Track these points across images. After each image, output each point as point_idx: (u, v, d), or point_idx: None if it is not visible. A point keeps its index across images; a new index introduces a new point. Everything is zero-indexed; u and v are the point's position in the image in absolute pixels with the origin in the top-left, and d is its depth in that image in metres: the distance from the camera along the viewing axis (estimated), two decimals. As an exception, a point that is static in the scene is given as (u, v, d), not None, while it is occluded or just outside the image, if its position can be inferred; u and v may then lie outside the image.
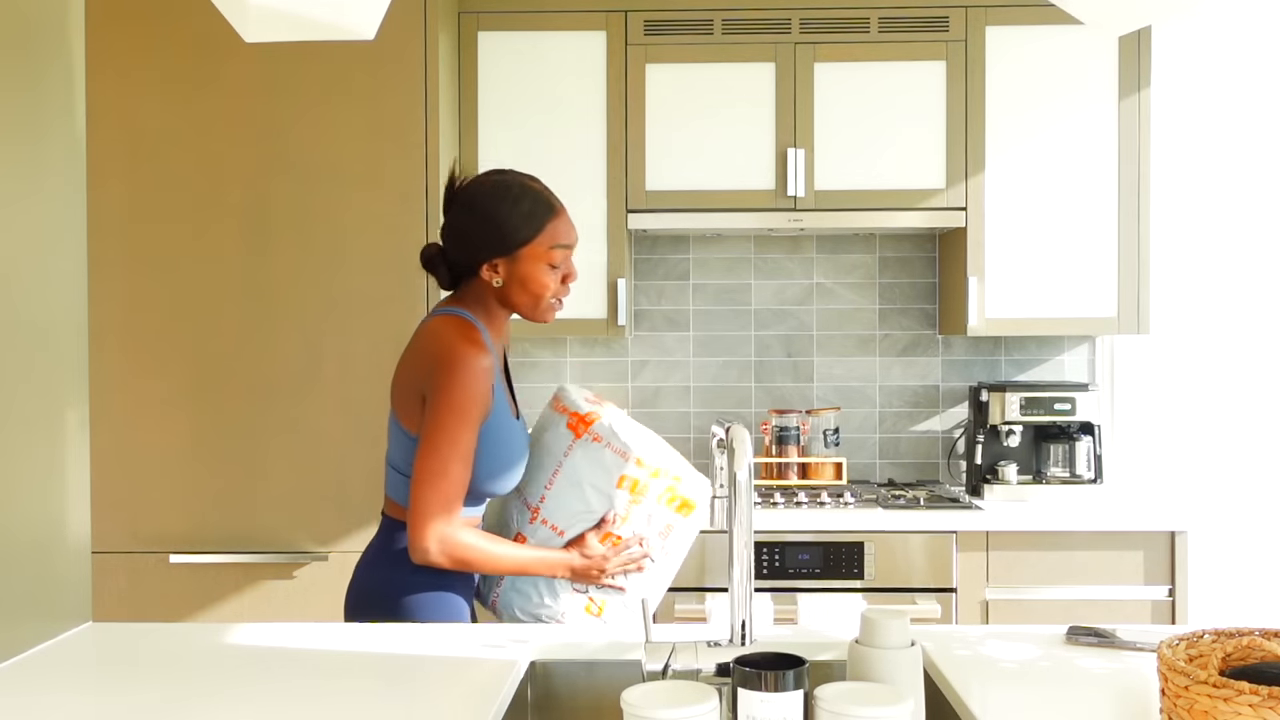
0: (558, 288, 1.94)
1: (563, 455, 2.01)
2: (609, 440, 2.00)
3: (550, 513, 2.02)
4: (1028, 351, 3.59)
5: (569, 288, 1.98)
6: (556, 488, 2.01)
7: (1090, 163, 3.23)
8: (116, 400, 2.91)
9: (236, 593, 2.92)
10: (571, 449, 2.01)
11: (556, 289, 1.94)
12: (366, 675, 1.53)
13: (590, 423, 2.01)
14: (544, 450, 2.05)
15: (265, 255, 2.93)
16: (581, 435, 2.01)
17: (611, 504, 2.00)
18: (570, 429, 2.03)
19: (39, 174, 1.74)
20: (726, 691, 1.31)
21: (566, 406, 2.07)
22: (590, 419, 2.02)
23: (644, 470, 2.00)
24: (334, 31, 1.81)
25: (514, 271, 1.91)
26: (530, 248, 1.90)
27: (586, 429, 2.01)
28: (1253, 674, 1.17)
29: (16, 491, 1.66)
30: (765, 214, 3.23)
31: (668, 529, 2.05)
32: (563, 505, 2.01)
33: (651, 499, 2.02)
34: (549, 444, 2.05)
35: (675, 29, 3.24)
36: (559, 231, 1.92)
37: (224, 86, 2.93)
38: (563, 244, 1.92)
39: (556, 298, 1.96)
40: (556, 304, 1.97)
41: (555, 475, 2.01)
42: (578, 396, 2.10)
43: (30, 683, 1.52)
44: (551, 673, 1.66)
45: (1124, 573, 2.99)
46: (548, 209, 1.91)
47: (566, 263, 1.95)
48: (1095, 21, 1.69)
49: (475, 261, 1.92)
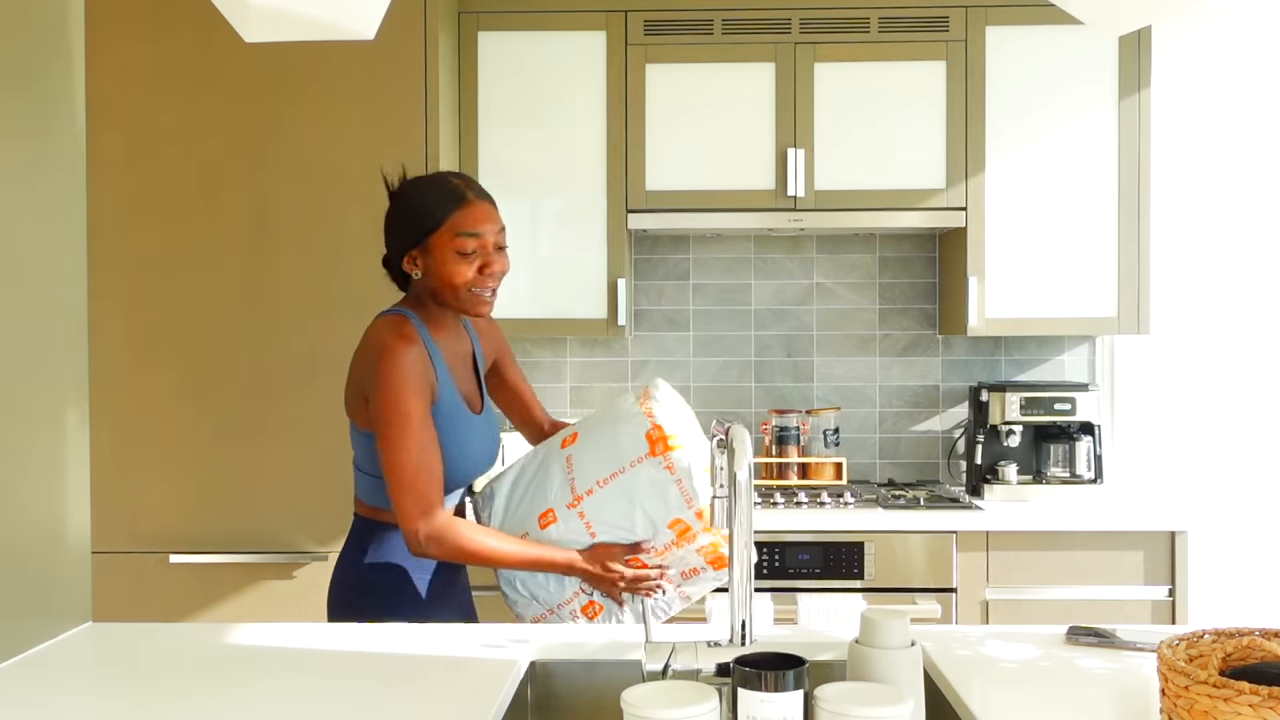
0: (475, 277, 1.91)
1: (628, 465, 1.96)
2: (681, 478, 1.95)
3: (591, 510, 1.97)
4: (1028, 351, 3.59)
5: (494, 279, 1.94)
6: (609, 491, 1.96)
7: (1090, 162, 3.23)
8: (116, 400, 2.91)
9: (236, 593, 2.92)
10: (641, 463, 1.96)
11: (473, 279, 1.91)
12: (366, 675, 1.53)
13: (671, 448, 1.95)
14: (614, 443, 1.98)
15: (265, 255, 2.93)
16: (656, 455, 1.95)
17: (654, 537, 1.97)
18: (649, 440, 1.97)
19: (39, 173, 1.74)
20: (726, 691, 1.31)
21: (653, 412, 2.00)
22: (672, 444, 1.96)
23: (700, 523, 1.95)
24: (334, 31, 1.81)
25: (428, 262, 1.93)
26: (437, 235, 1.91)
27: (665, 453, 1.95)
28: (1253, 674, 1.17)
29: (16, 491, 1.66)
30: (765, 214, 3.23)
31: (693, 573, 2.03)
32: (607, 511, 1.97)
33: (693, 548, 1.98)
34: (622, 442, 1.98)
35: (675, 29, 3.24)
36: (466, 219, 1.91)
37: (224, 86, 2.93)
38: (469, 232, 1.90)
39: (477, 288, 1.92)
40: (484, 295, 1.94)
41: (613, 479, 1.96)
42: (668, 403, 2.03)
43: (30, 683, 1.52)
44: (551, 673, 1.66)
45: (1124, 573, 2.99)
46: (457, 198, 1.92)
47: (485, 253, 1.92)
48: (1095, 21, 1.69)
49: (398, 255, 1.96)
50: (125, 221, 2.94)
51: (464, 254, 1.90)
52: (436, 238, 1.91)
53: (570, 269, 3.26)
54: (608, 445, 1.98)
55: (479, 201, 1.93)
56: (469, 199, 1.93)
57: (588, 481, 1.97)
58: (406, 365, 1.85)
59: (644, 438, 1.97)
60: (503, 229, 1.96)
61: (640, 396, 2.06)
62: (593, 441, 2.00)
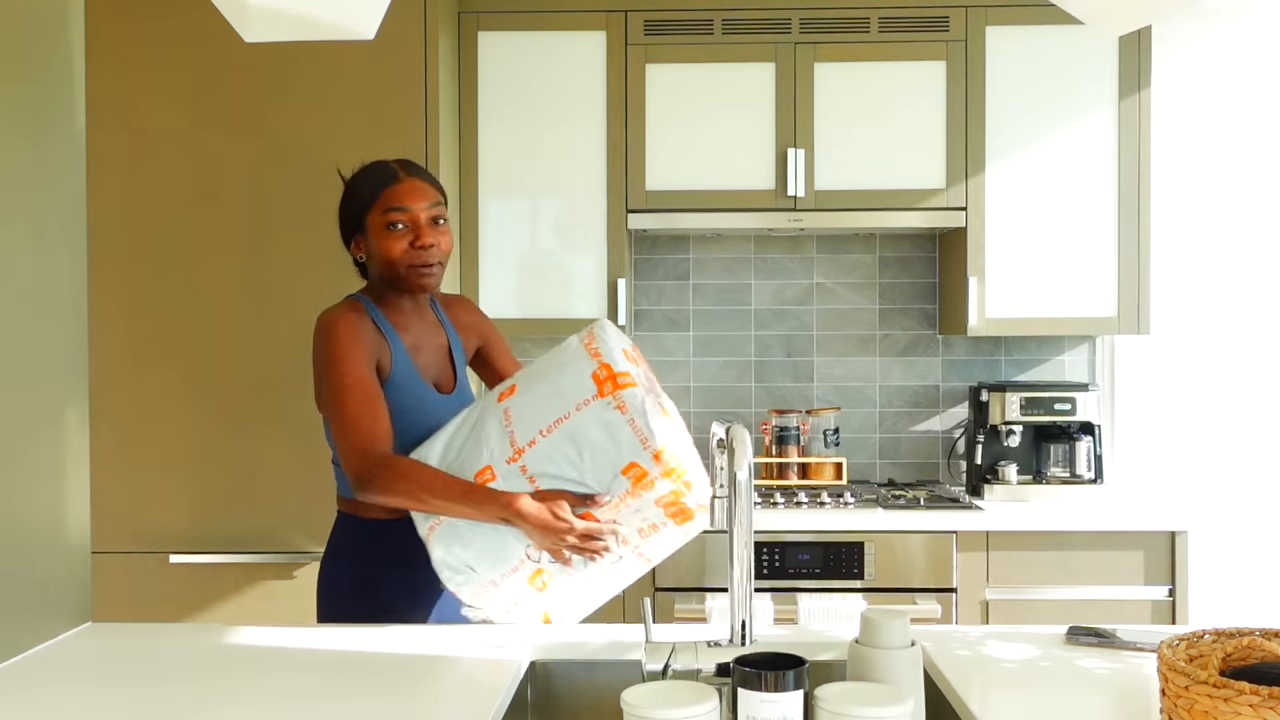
0: (409, 251, 1.92)
1: (573, 408, 1.78)
2: (634, 416, 1.76)
3: (534, 462, 1.78)
4: (1028, 351, 3.59)
5: (429, 253, 1.94)
6: (553, 440, 1.78)
7: (1090, 162, 3.23)
8: (116, 400, 2.91)
9: (236, 593, 2.92)
10: (588, 405, 1.77)
11: (407, 252, 1.92)
12: (366, 675, 1.53)
13: (621, 385, 1.77)
14: (554, 389, 1.81)
15: (265, 255, 2.93)
16: (605, 395, 1.77)
17: (608, 487, 1.78)
18: (595, 380, 1.78)
19: (39, 173, 1.74)
20: (726, 691, 1.31)
21: (599, 351, 1.82)
22: (623, 380, 1.77)
23: (658, 466, 1.76)
24: (334, 31, 1.81)
25: (368, 245, 1.97)
26: (370, 215, 1.95)
27: (615, 391, 1.77)
28: (1253, 674, 1.17)
29: (16, 491, 1.66)
30: (765, 214, 3.23)
31: (652, 529, 1.84)
32: (552, 462, 1.78)
33: (651, 498, 1.79)
34: (566, 385, 1.80)
35: (675, 29, 3.24)
36: (394, 195, 1.94)
37: (224, 86, 2.93)
38: (396, 206, 1.92)
39: (414, 264, 1.93)
40: (426, 270, 1.94)
41: (557, 425, 1.78)
42: (615, 343, 1.84)
43: (30, 683, 1.52)
44: (551, 673, 1.66)
45: (1124, 573, 2.99)
46: (388, 176, 1.96)
47: (416, 227, 1.93)
48: (1095, 21, 1.69)
49: (347, 245, 2.02)
50: (125, 221, 2.94)
51: (394, 228, 1.93)
52: (370, 217, 1.95)
53: (570, 269, 3.26)
54: (550, 392, 1.81)
55: (410, 179, 1.96)
56: (400, 177, 1.96)
57: (529, 432, 1.79)
58: (344, 328, 1.89)
59: (590, 378, 1.79)
60: (437, 204, 1.96)
61: (584, 337, 1.87)
62: (533, 390, 1.82)
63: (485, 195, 3.25)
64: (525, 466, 1.79)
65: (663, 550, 1.91)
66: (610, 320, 1.95)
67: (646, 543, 1.87)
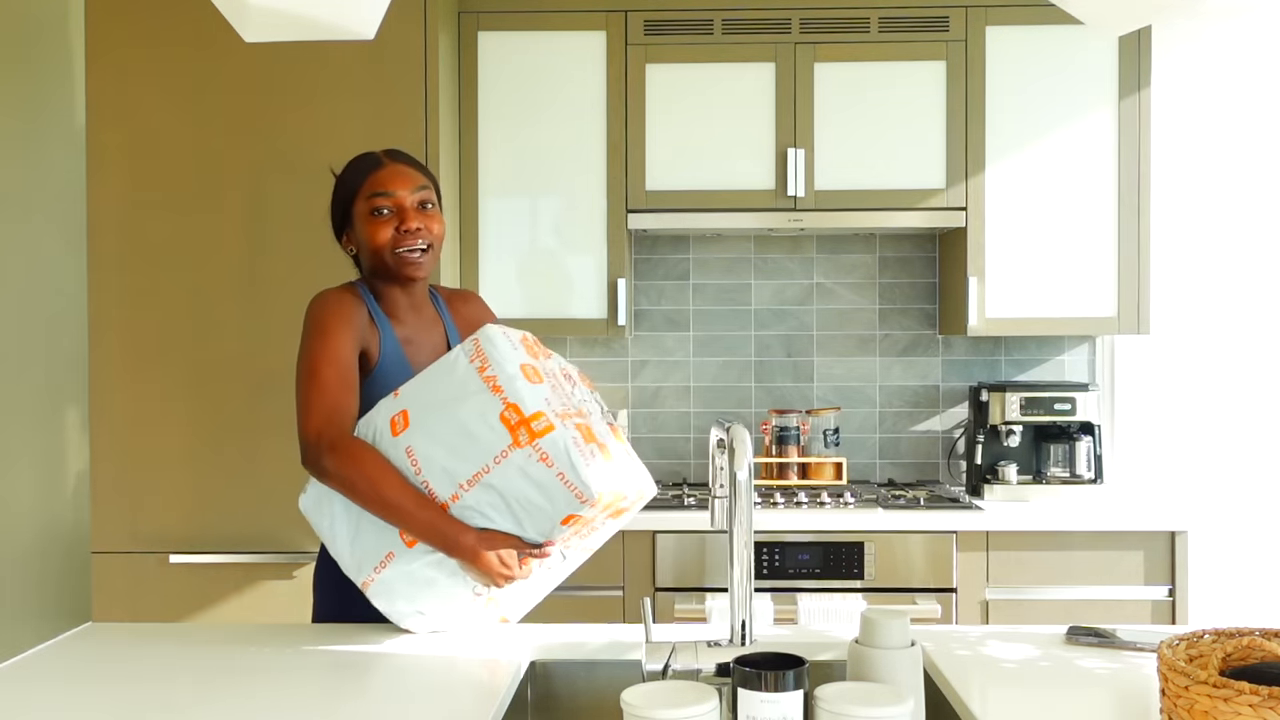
0: (395, 236, 1.87)
1: (491, 460, 1.62)
2: (561, 469, 1.59)
3: (463, 514, 1.66)
4: (1028, 351, 3.59)
5: (416, 236, 1.88)
6: (477, 493, 1.64)
7: (1090, 162, 3.23)
8: (116, 400, 2.91)
9: (236, 593, 2.92)
10: (506, 457, 1.61)
11: (393, 238, 1.87)
12: (366, 675, 1.53)
13: (538, 433, 1.59)
14: (460, 429, 1.63)
15: (265, 254, 2.93)
16: (522, 445, 1.59)
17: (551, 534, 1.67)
18: (505, 425, 1.59)
19: (39, 172, 1.74)
20: (726, 691, 1.31)
21: (494, 373, 1.63)
22: (537, 426, 1.59)
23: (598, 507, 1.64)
24: (334, 31, 1.81)
25: (356, 236, 1.94)
26: (356, 203, 1.92)
27: (532, 440, 1.59)
28: (1253, 674, 1.17)
29: (17, 492, 1.66)
30: (765, 214, 3.23)
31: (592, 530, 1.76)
32: (482, 516, 1.66)
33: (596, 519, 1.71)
34: (470, 425, 1.62)
35: (675, 29, 3.24)
36: (378, 181, 1.90)
37: (224, 85, 2.93)
38: (380, 191, 1.88)
39: (400, 249, 1.87)
40: (411, 257, 1.88)
41: (478, 479, 1.63)
42: (508, 354, 1.65)
43: (30, 683, 1.52)
44: (551, 673, 1.66)
45: (1124, 573, 2.99)
46: (372, 163, 1.92)
47: (402, 212, 1.88)
48: (1095, 21, 1.69)
49: (338, 239, 1.98)
50: (125, 221, 2.94)
51: (378, 214, 1.88)
52: (356, 206, 1.91)
53: (570, 269, 3.26)
54: (454, 431, 1.64)
55: (394, 164, 1.92)
56: (383, 163, 1.92)
57: (448, 485, 1.64)
58: (335, 307, 1.85)
59: (499, 421, 1.60)
60: (423, 188, 1.91)
61: (472, 354, 1.69)
62: (434, 428, 1.66)
63: (485, 195, 3.25)
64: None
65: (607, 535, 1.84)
66: (502, 326, 1.76)
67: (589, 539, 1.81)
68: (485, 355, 1.67)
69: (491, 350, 1.67)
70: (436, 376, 1.72)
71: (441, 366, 1.74)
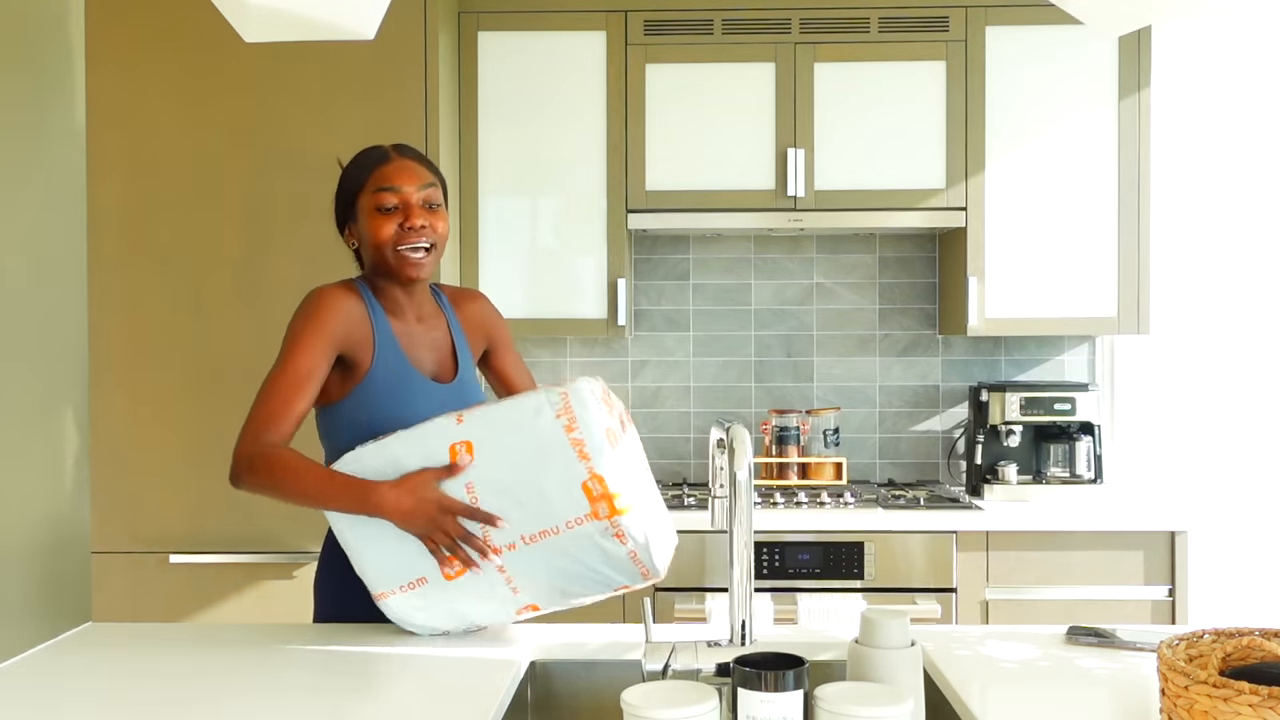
0: (398, 233, 1.84)
1: (563, 524, 1.61)
2: (635, 549, 1.62)
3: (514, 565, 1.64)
4: (1028, 351, 3.59)
5: (419, 234, 1.85)
6: (539, 550, 1.63)
7: (1090, 163, 3.23)
8: (116, 400, 2.91)
9: (236, 593, 2.92)
10: (580, 525, 1.60)
11: (396, 234, 1.84)
12: (366, 674, 1.53)
13: (618, 510, 1.58)
14: (533, 483, 1.61)
15: (265, 254, 2.93)
16: (600, 518, 1.59)
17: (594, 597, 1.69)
18: (586, 494, 1.58)
19: (39, 171, 1.74)
20: (726, 691, 1.31)
21: (584, 445, 1.59)
22: (619, 505, 1.58)
23: (649, 578, 1.68)
24: (334, 31, 1.81)
25: (359, 230, 1.91)
26: (360, 197, 1.89)
27: (610, 515, 1.58)
28: (1253, 674, 1.17)
29: (17, 491, 1.66)
30: (765, 214, 3.23)
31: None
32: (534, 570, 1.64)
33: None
34: (545, 483, 1.60)
35: (675, 29, 3.24)
36: (384, 175, 1.87)
37: (224, 85, 2.93)
38: (386, 186, 1.86)
39: (402, 245, 1.85)
40: (413, 255, 1.85)
41: (544, 537, 1.62)
42: (595, 416, 1.60)
43: (30, 683, 1.52)
44: (551, 673, 1.66)
45: (1124, 573, 2.99)
46: (379, 157, 1.90)
47: (407, 208, 1.86)
48: (1095, 21, 1.69)
49: (341, 232, 1.96)
50: (125, 221, 2.94)
51: (383, 209, 1.85)
52: (361, 199, 1.89)
53: (570, 269, 3.26)
54: (528, 489, 1.60)
55: (401, 159, 1.90)
56: (391, 157, 1.90)
57: (508, 534, 1.62)
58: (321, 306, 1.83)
59: (580, 490, 1.58)
60: (430, 185, 1.88)
61: (559, 408, 1.62)
62: (504, 476, 1.62)
63: (485, 195, 3.25)
64: (504, 567, 1.64)
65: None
66: (589, 379, 1.67)
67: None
68: (574, 415, 1.60)
69: (582, 411, 1.61)
70: (514, 420, 1.64)
71: (521, 410, 1.65)
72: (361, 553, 1.70)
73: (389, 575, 1.69)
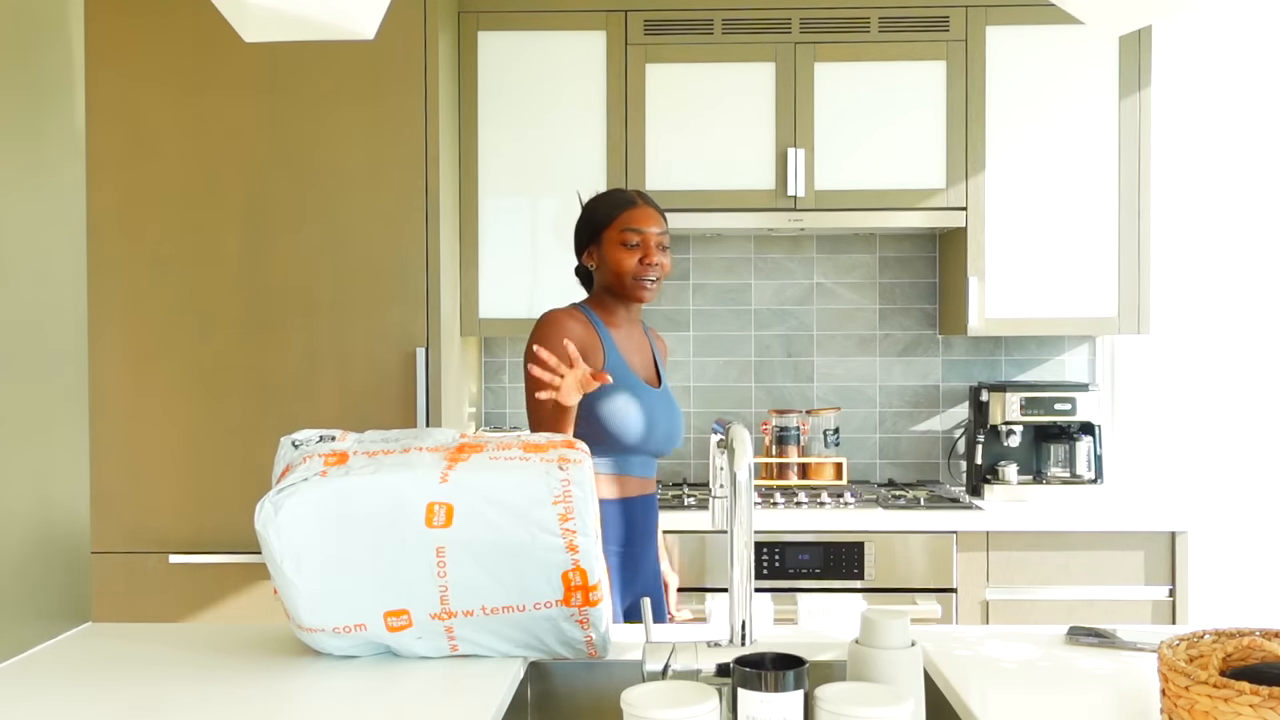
0: (637, 267, 2.26)
1: (531, 604, 1.56)
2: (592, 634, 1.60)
3: (464, 630, 1.57)
4: (1028, 351, 3.59)
5: (654, 270, 2.27)
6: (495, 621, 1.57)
7: (1090, 163, 3.23)
8: (116, 400, 2.91)
9: (236, 593, 2.92)
10: (549, 608, 1.56)
11: (636, 268, 2.26)
12: (366, 675, 1.53)
13: (592, 601, 1.56)
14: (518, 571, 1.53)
15: (265, 254, 2.93)
16: (571, 605, 1.56)
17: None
18: (564, 583, 1.55)
19: (38, 171, 1.74)
20: (726, 691, 1.31)
21: (575, 536, 1.52)
22: (594, 597, 1.56)
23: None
24: (334, 31, 1.81)
25: (601, 255, 2.32)
26: (608, 231, 2.30)
27: (582, 605, 1.56)
28: (1253, 674, 1.17)
29: (16, 491, 1.66)
30: (765, 214, 3.23)
31: None
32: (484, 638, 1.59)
33: None
34: (529, 572, 1.52)
35: (675, 29, 3.24)
36: (632, 218, 2.29)
37: (224, 84, 2.93)
38: (633, 228, 2.27)
39: (639, 277, 2.27)
40: (647, 284, 2.28)
41: (506, 612, 1.56)
42: (590, 509, 1.54)
43: (30, 683, 1.52)
44: (551, 673, 1.66)
45: (1124, 573, 2.99)
46: (626, 201, 2.32)
47: (647, 247, 2.27)
48: (1095, 21, 1.69)
49: (580, 253, 2.37)
50: (125, 221, 2.94)
51: (628, 246, 2.28)
52: (607, 233, 2.30)
53: (570, 269, 3.25)
54: (506, 568, 1.52)
55: (645, 206, 2.32)
56: (637, 203, 2.32)
57: (466, 600, 1.53)
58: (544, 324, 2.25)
59: (560, 580, 1.52)
60: (665, 231, 2.30)
61: (558, 494, 1.52)
62: (484, 551, 1.52)
63: (485, 195, 3.25)
64: (451, 629, 1.56)
65: None
66: (590, 464, 1.57)
67: None
68: (572, 502, 1.52)
69: (580, 498, 1.52)
70: (505, 496, 1.52)
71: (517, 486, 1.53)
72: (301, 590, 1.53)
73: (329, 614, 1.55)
